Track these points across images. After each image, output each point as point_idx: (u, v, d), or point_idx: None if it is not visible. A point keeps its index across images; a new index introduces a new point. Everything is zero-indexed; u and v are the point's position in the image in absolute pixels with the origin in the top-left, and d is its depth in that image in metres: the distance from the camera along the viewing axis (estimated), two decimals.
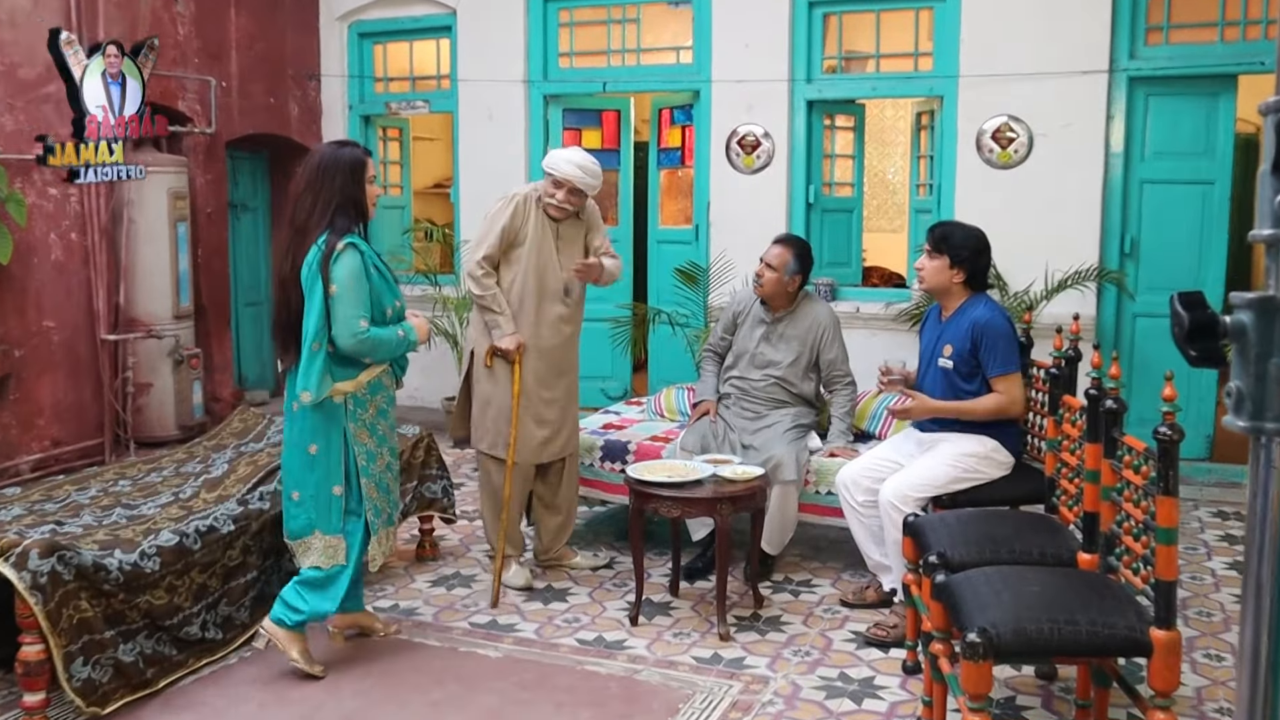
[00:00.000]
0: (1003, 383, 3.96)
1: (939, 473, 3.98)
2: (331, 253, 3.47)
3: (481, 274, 4.41)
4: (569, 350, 4.55)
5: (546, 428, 4.49)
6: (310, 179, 3.58)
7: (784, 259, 4.66)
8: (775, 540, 4.55)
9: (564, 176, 4.37)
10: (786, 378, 4.73)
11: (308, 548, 3.64)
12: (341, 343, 3.48)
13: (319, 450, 3.57)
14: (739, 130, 6.69)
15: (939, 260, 4.06)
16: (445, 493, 4.81)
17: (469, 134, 7.47)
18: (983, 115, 6.12)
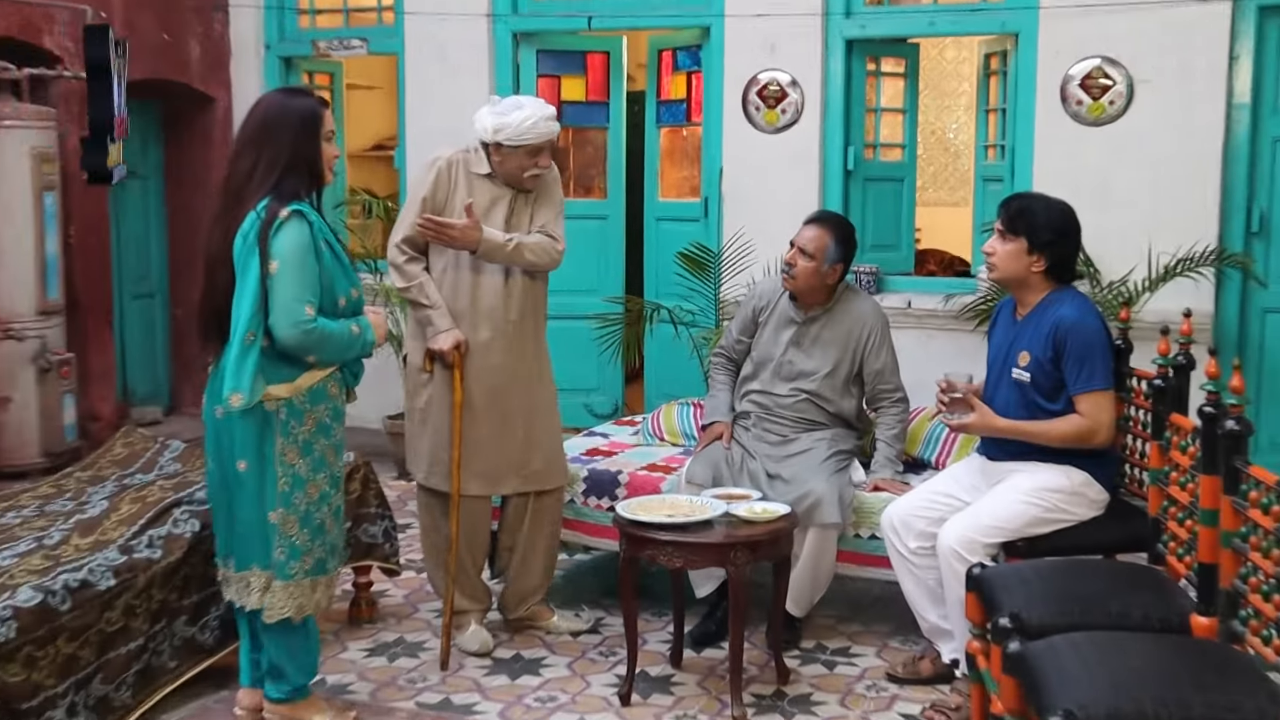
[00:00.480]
0: (1088, 402, 3.95)
1: (1013, 511, 3.97)
2: (273, 221, 3.48)
3: (403, 260, 4.42)
4: (529, 348, 4.54)
5: (505, 451, 4.48)
6: (252, 134, 3.61)
7: (822, 243, 4.65)
8: (805, 598, 4.53)
9: (545, 137, 4.37)
10: (821, 393, 4.72)
11: (247, 584, 3.68)
12: (280, 333, 3.48)
13: (249, 468, 3.59)
14: (759, 78, 6.69)
15: (1014, 243, 4.05)
16: (387, 536, 4.80)
17: (418, 82, 7.46)
18: (1069, 57, 6.12)
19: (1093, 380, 3.94)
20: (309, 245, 3.51)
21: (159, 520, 4.03)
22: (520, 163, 4.38)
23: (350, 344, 3.64)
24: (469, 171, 4.44)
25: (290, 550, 3.64)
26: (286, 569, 3.65)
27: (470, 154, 4.47)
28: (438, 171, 4.42)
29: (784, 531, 4.11)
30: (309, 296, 3.50)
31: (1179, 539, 3.44)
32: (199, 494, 4.16)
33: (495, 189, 4.45)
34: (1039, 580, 3.41)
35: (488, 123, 4.35)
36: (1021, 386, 4.05)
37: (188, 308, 7.81)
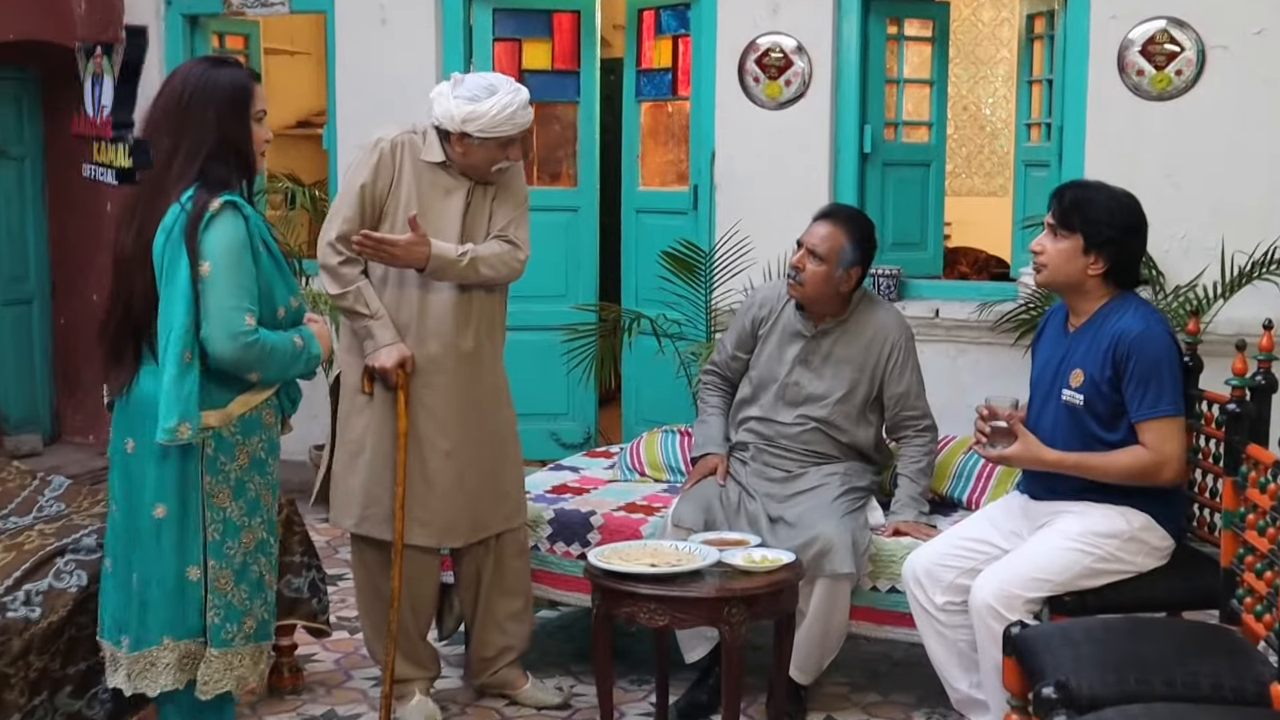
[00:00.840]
0: (1154, 430, 3.97)
1: (1060, 560, 3.99)
2: (202, 214, 3.45)
3: (338, 261, 4.41)
4: (485, 368, 4.55)
5: (456, 493, 4.49)
6: (168, 112, 3.59)
7: (835, 244, 4.66)
8: (812, 663, 4.54)
9: (521, 127, 4.37)
10: (833, 420, 4.74)
11: (152, 664, 3.59)
12: (215, 348, 3.46)
13: (169, 514, 3.54)
14: (759, 42, 6.71)
15: (1068, 241, 4.07)
16: (314, 590, 4.79)
17: (352, 46, 7.46)
18: (1128, 17, 6.14)
19: (1160, 405, 3.95)
20: (245, 243, 3.49)
21: (38, 572, 4.00)
22: (490, 155, 4.38)
23: (294, 359, 3.63)
24: (416, 158, 4.44)
25: (227, 611, 3.58)
26: (222, 634, 3.58)
27: (417, 136, 4.47)
28: (379, 155, 4.41)
29: (787, 584, 4.12)
30: (248, 303, 3.48)
31: (1257, 594, 3.45)
32: (87, 540, 4.14)
33: (449, 180, 4.45)
34: (1089, 642, 3.43)
35: (452, 109, 4.31)
36: (1073, 411, 4.07)
37: (74, 316, 7.80)
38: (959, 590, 4.12)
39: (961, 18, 10.46)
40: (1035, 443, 4.04)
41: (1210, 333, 5.47)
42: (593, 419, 7.51)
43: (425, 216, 4.37)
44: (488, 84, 4.37)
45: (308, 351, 3.66)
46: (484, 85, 4.36)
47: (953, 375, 6.34)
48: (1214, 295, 5.79)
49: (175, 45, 7.74)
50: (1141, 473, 3.97)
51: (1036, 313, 6.00)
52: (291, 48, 9.45)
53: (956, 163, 10.66)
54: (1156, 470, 3.96)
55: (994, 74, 10.75)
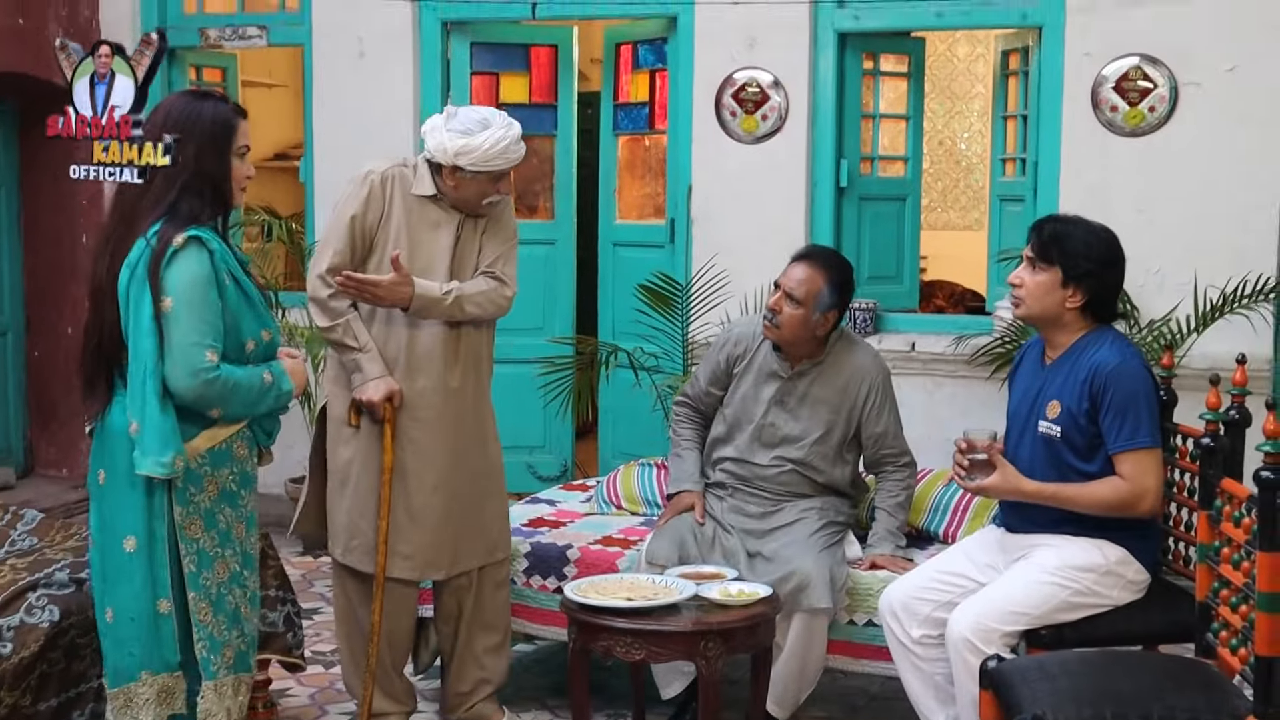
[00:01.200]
0: (1131, 462, 3.98)
1: (1037, 594, 3.99)
2: (165, 249, 3.46)
3: (327, 294, 4.41)
4: (471, 402, 4.54)
5: (440, 528, 4.48)
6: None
7: (813, 288, 4.64)
8: (789, 697, 4.54)
9: (513, 163, 4.40)
10: (811, 461, 4.75)
11: (130, 700, 3.58)
12: (176, 384, 3.46)
13: (138, 546, 3.54)
14: (736, 77, 6.73)
15: (1046, 274, 4.09)
16: (289, 624, 4.76)
17: (329, 79, 7.46)
18: (1102, 54, 6.18)
19: (1137, 436, 3.97)
20: (209, 278, 3.50)
21: (9, 607, 3.98)
22: (481, 189, 4.40)
23: (261, 395, 3.63)
24: (406, 192, 4.44)
25: (210, 643, 3.59)
26: (210, 666, 3.59)
27: (407, 169, 4.48)
28: (370, 187, 4.42)
29: (764, 617, 4.12)
30: (210, 340, 3.48)
31: (1232, 628, 3.46)
32: (59, 575, 4.12)
33: (439, 213, 4.46)
34: (1066, 676, 3.43)
35: (445, 142, 4.32)
36: (1050, 443, 4.08)
37: (49, 348, 7.76)
38: (935, 624, 4.12)
39: (937, 53, 10.52)
40: (1014, 473, 4.05)
41: (1184, 367, 5.49)
42: (569, 452, 7.50)
43: (415, 250, 4.39)
44: (481, 118, 4.38)
45: (277, 388, 3.66)
46: (477, 119, 4.37)
47: (929, 409, 6.35)
48: (1187, 330, 5.81)
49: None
50: (1119, 504, 3.98)
51: (1013, 346, 6.01)
52: (269, 80, 9.45)
53: (932, 197, 10.70)
54: (1135, 502, 3.97)
55: (969, 109, 10.80)
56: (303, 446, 7.23)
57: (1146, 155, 6.13)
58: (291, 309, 7.34)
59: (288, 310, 7.30)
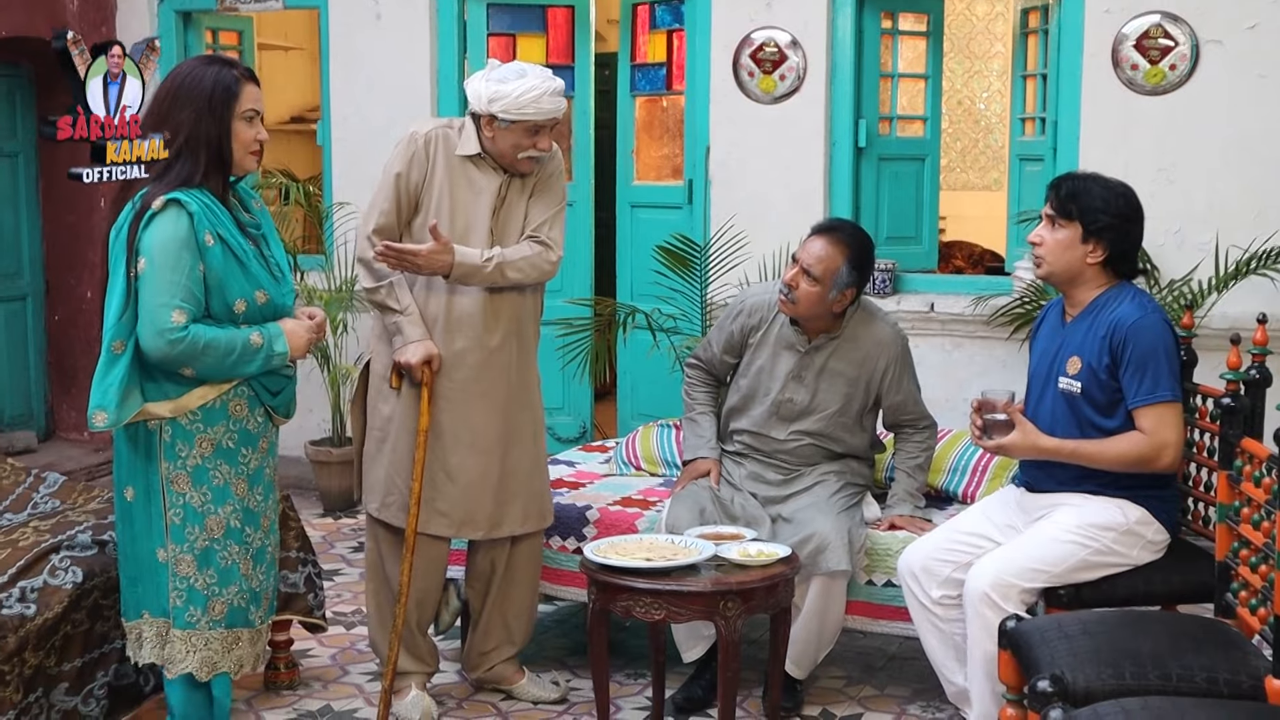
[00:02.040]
0: (1152, 416, 3.97)
1: (1056, 551, 4.00)
2: (145, 212, 3.53)
3: (374, 255, 4.42)
4: (513, 365, 4.56)
5: (477, 487, 4.50)
6: (155, 108, 3.68)
7: (832, 266, 4.57)
8: (808, 657, 4.55)
9: (547, 116, 4.37)
10: (829, 433, 4.75)
11: (139, 636, 3.77)
12: (143, 343, 3.55)
13: (136, 496, 3.69)
14: (754, 37, 6.71)
15: (1066, 230, 4.08)
16: (310, 585, 4.80)
17: (346, 42, 7.45)
18: (1123, 12, 6.15)
19: (1157, 390, 3.96)
20: (185, 240, 3.54)
21: (33, 569, 4.01)
22: (516, 141, 4.39)
23: (244, 357, 3.65)
24: (450, 153, 4.45)
25: (189, 594, 3.67)
26: (185, 616, 3.68)
27: (452, 130, 4.49)
28: (414, 147, 4.44)
29: (783, 578, 4.13)
30: (178, 300, 3.54)
31: (1252, 587, 3.47)
32: (81, 537, 4.16)
33: (482, 173, 4.47)
34: (1085, 635, 3.43)
35: (481, 89, 4.35)
36: (1071, 399, 4.08)
37: (69, 312, 7.79)
38: (954, 584, 4.13)
39: (956, 12, 10.46)
40: (1033, 430, 4.05)
41: (1205, 327, 5.48)
42: (588, 414, 7.51)
43: (456, 210, 4.41)
44: (519, 69, 4.41)
45: (269, 350, 3.70)
46: (515, 70, 4.40)
47: (948, 369, 6.35)
48: (1208, 290, 5.80)
49: (169, 42, 7.73)
50: (1139, 459, 3.98)
51: (1032, 306, 6.01)
52: (285, 43, 9.44)
53: (951, 157, 10.66)
54: (1154, 456, 3.97)
55: (989, 69, 10.74)
56: (321, 410, 7.32)
57: (1167, 114, 6.10)
58: (310, 272, 7.35)
59: (306, 273, 7.32)
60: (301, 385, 7.21)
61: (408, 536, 4.42)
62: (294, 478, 7.28)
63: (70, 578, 4.02)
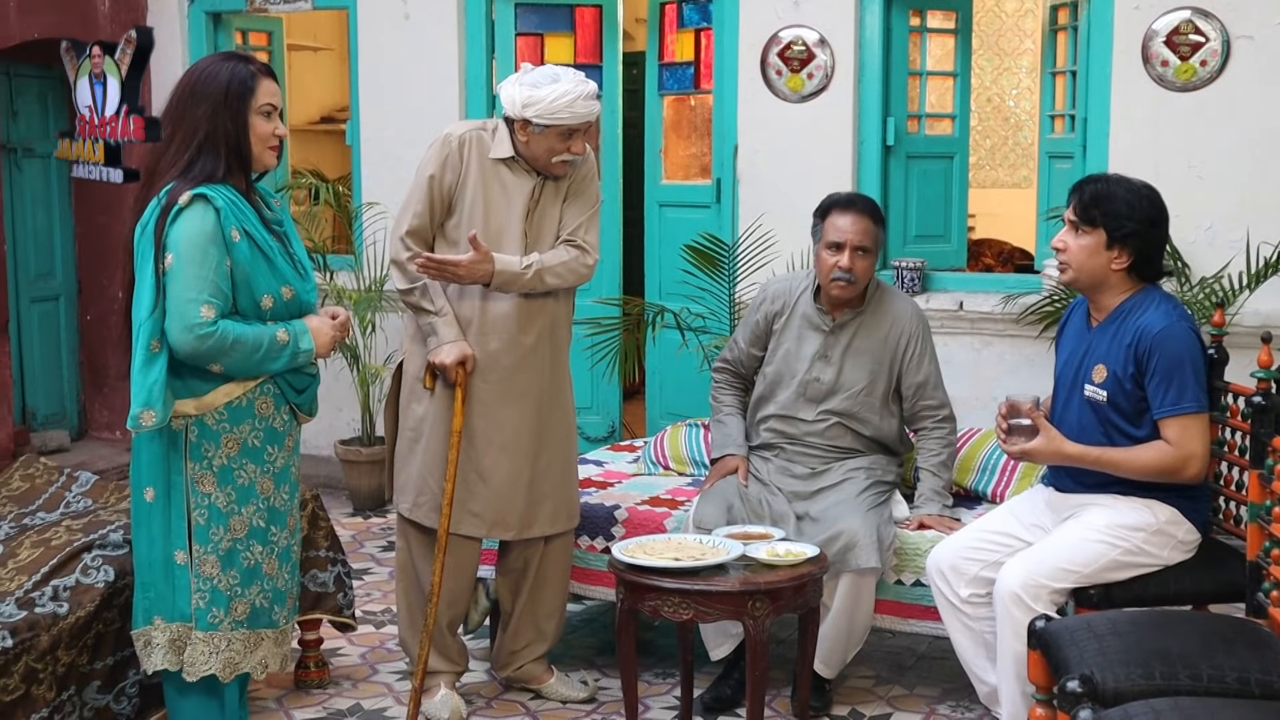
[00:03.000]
0: (1177, 427, 3.95)
1: (1087, 552, 3.98)
2: (171, 208, 3.54)
3: (408, 256, 4.45)
4: (547, 366, 4.57)
5: (510, 488, 4.52)
6: (172, 105, 3.68)
7: (874, 234, 4.69)
8: (836, 657, 4.54)
9: (581, 120, 4.37)
10: (857, 413, 4.75)
11: (148, 643, 3.73)
12: (172, 339, 3.55)
13: (156, 497, 3.67)
14: (781, 35, 6.70)
15: (1090, 236, 4.06)
16: (340, 584, 4.81)
17: (375, 42, 7.48)
18: (1153, 7, 6.12)
19: (1183, 401, 3.94)
20: (212, 235, 3.55)
21: (65, 568, 4.04)
22: (550, 145, 4.40)
23: (270, 353, 3.66)
24: (484, 155, 4.47)
25: (212, 595, 3.68)
26: (208, 617, 3.68)
27: (485, 133, 4.51)
28: (448, 149, 4.46)
29: (811, 577, 4.12)
30: (206, 295, 3.54)
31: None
32: (113, 536, 4.19)
33: (515, 177, 4.48)
34: (1115, 635, 3.42)
35: (515, 94, 4.36)
36: (1096, 407, 4.07)
37: (101, 312, 7.84)
38: (984, 583, 4.12)
39: (985, 9, 10.44)
40: (1058, 437, 4.03)
41: (1236, 325, 5.46)
42: (617, 413, 7.52)
43: (490, 213, 4.43)
44: (552, 73, 4.42)
45: (294, 346, 3.70)
46: (549, 74, 4.41)
47: (977, 368, 6.33)
48: (1239, 287, 5.78)
49: (198, 42, 7.78)
50: (1164, 469, 3.96)
51: (1061, 305, 5.98)
52: (314, 44, 9.47)
53: (980, 155, 10.64)
54: (1180, 467, 3.95)
55: (1018, 65, 10.71)
56: (351, 410, 7.35)
57: (1198, 110, 6.08)
58: (340, 271, 7.38)
59: (336, 273, 7.34)
60: (331, 385, 7.27)
61: (439, 537, 4.43)
62: (323, 477, 7.31)
63: (102, 576, 4.05)
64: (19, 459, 5.27)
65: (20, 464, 5.10)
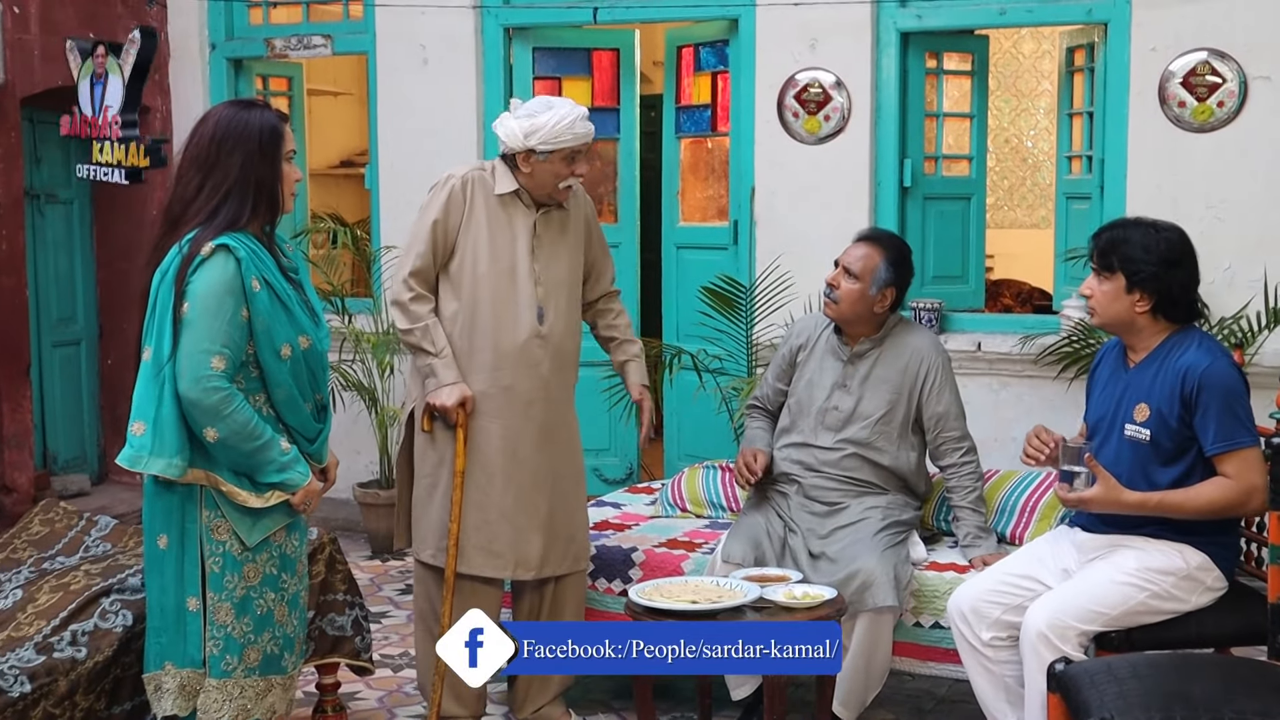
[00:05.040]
0: (1235, 462, 3.91)
1: (1116, 594, 3.95)
2: (194, 257, 3.54)
3: (410, 298, 4.49)
4: (561, 407, 4.60)
5: (525, 526, 4.52)
6: (198, 153, 3.67)
7: (871, 264, 4.70)
8: (855, 699, 4.51)
9: (582, 140, 4.46)
10: (874, 443, 4.74)
11: (158, 687, 3.72)
12: (181, 388, 3.54)
13: (170, 544, 3.66)
14: (798, 78, 6.73)
15: (1111, 282, 4.05)
16: (358, 628, 4.79)
17: (393, 86, 7.52)
18: (1169, 49, 6.13)
19: (1237, 436, 3.91)
20: (230, 286, 3.56)
21: (84, 612, 4.04)
22: (556, 170, 4.46)
23: (260, 449, 3.61)
24: (488, 194, 4.51)
25: (226, 642, 3.66)
26: (221, 665, 3.67)
27: (485, 172, 4.55)
28: (450, 191, 4.50)
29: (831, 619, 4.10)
30: (219, 346, 3.54)
31: None
32: (132, 580, 4.18)
33: (516, 213, 4.53)
34: (1135, 679, 3.40)
35: (514, 127, 4.42)
36: (1136, 446, 4.03)
37: (122, 356, 7.86)
38: (1005, 626, 4.10)
39: (1002, 50, 10.47)
40: (1116, 485, 3.95)
41: (1255, 365, 5.45)
42: (634, 455, 7.51)
43: (497, 251, 4.47)
44: (545, 101, 4.52)
45: (292, 469, 3.67)
46: (541, 103, 4.51)
47: (995, 409, 6.31)
48: (1259, 327, 5.77)
49: (219, 88, 7.83)
50: (1229, 504, 3.92)
51: (1080, 345, 5.98)
52: (334, 88, 9.53)
53: (998, 195, 10.65)
54: (1244, 500, 3.92)
55: (1035, 106, 10.73)
56: (369, 453, 7.35)
57: (1216, 151, 6.08)
58: (358, 314, 7.40)
59: (354, 316, 7.36)
60: (350, 427, 7.29)
61: (447, 578, 4.44)
62: (341, 520, 7.31)
63: (121, 621, 4.04)
64: (39, 503, 5.28)
65: (40, 508, 5.10)
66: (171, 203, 3.70)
